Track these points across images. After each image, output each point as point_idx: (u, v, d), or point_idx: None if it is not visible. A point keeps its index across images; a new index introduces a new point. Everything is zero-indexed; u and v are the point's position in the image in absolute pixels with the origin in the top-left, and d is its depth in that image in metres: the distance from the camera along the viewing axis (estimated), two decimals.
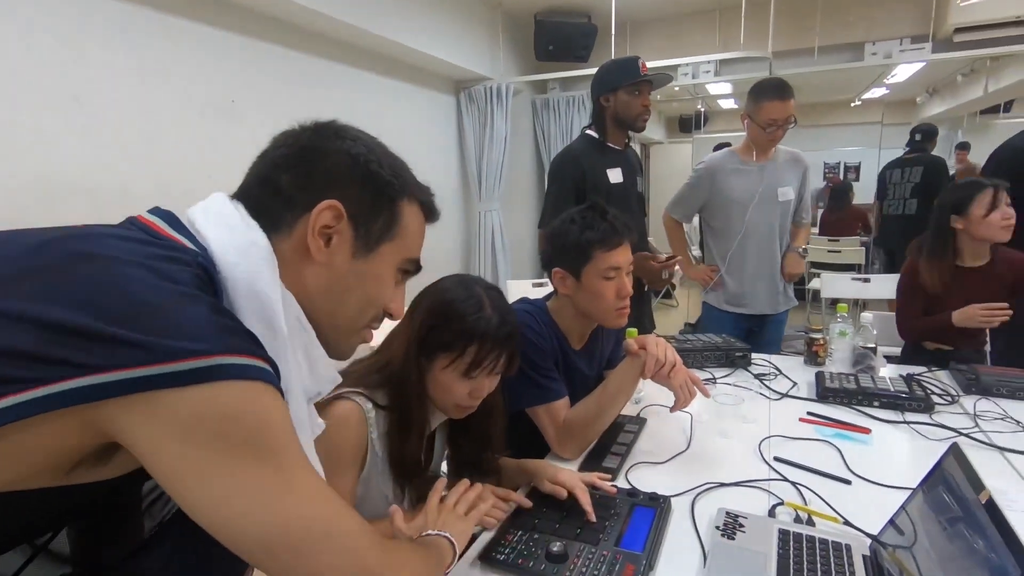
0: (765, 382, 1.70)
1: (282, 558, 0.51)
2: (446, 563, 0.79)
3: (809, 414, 1.46)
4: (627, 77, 1.95)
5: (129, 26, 1.91)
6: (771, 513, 1.02)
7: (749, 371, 1.80)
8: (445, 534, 0.82)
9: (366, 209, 0.63)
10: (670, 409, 1.25)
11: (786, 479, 1.14)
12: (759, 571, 0.85)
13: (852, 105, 7.38)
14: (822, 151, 7.42)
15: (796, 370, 1.81)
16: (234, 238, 0.56)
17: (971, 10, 3.13)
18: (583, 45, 3.81)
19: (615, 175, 2.02)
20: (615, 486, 1.09)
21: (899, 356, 2.08)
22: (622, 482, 1.15)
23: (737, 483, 1.13)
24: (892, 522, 0.89)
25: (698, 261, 2.68)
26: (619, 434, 1.33)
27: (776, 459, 1.22)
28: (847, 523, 0.98)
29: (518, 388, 1.22)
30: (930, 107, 6.85)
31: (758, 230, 2.20)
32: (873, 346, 1.74)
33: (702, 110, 7.63)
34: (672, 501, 1.05)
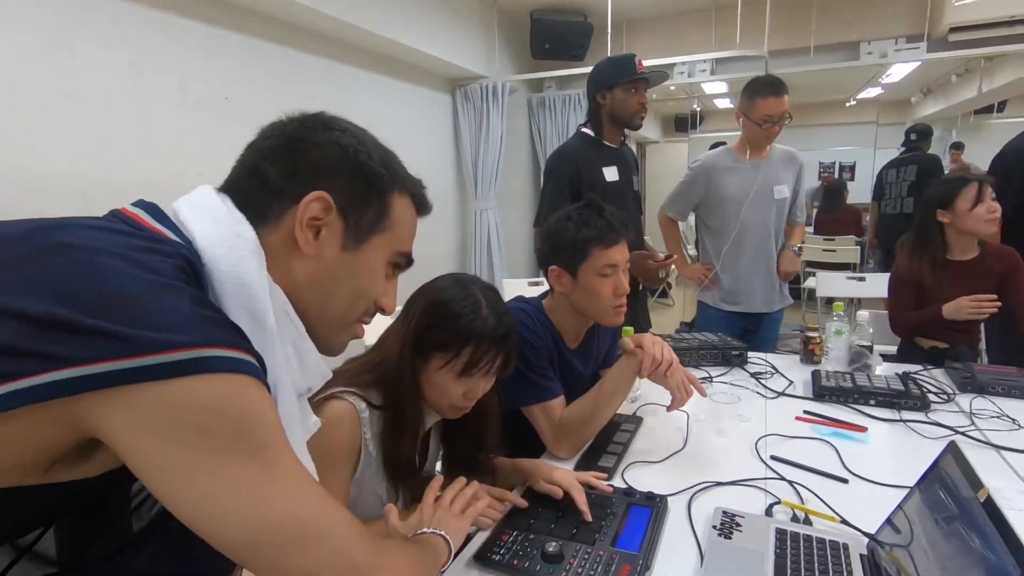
0: (761, 381, 1.70)
1: (267, 556, 0.50)
2: (441, 561, 0.78)
3: (806, 412, 1.46)
4: (624, 75, 1.94)
5: (122, 23, 1.90)
6: (768, 512, 1.02)
7: (745, 370, 1.80)
8: (440, 532, 0.81)
9: (356, 201, 0.62)
10: (667, 408, 1.24)
11: (783, 478, 1.13)
12: (756, 571, 0.84)
13: (847, 105, 7.41)
14: (817, 151, 7.45)
15: (792, 369, 1.80)
16: (219, 230, 0.55)
17: (966, 10, 3.14)
18: (579, 44, 3.81)
19: (611, 173, 2.02)
20: (611, 485, 1.08)
21: (895, 355, 2.09)
22: (618, 481, 1.14)
23: (734, 482, 1.12)
24: (889, 521, 0.88)
25: (694, 260, 2.68)
26: (615, 433, 1.33)
27: (773, 458, 1.21)
28: (844, 522, 0.97)
29: (513, 387, 1.21)
30: (925, 107, 6.87)
31: (753, 228, 2.20)
32: (869, 344, 1.74)
33: (698, 109, 7.64)
34: (669, 500, 1.04)
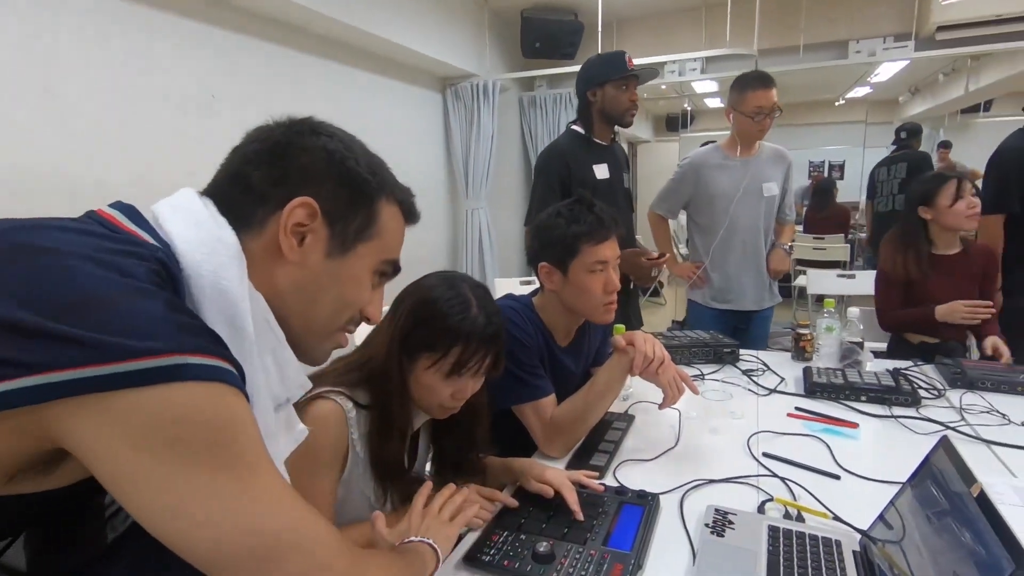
0: (753, 378, 1.70)
1: (243, 570, 0.48)
2: (428, 570, 0.76)
3: (797, 409, 1.45)
4: (615, 72, 1.94)
5: (104, 17, 1.86)
6: (760, 509, 1.01)
7: (737, 367, 1.80)
8: (428, 540, 0.79)
9: (342, 207, 0.60)
10: (659, 406, 1.23)
11: (775, 475, 1.13)
12: (749, 568, 0.84)
13: (836, 104, 7.47)
14: (807, 150, 7.50)
15: (784, 366, 1.81)
16: (200, 234, 0.53)
17: (952, 8, 3.16)
18: (570, 42, 3.80)
19: (601, 171, 2.01)
20: (603, 484, 1.07)
21: (885, 351, 2.09)
22: (610, 480, 1.13)
23: (726, 480, 1.12)
24: (881, 517, 0.88)
25: (685, 259, 2.68)
26: (607, 431, 1.32)
27: (765, 455, 1.21)
28: (837, 518, 0.97)
29: (504, 386, 1.19)
30: (912, 106, 6.94)
31: (742, 225, 2.20)
32: (860, 340, 1.74)
33: (688, 109, 7.68)
34: (661, 499, 1.03)
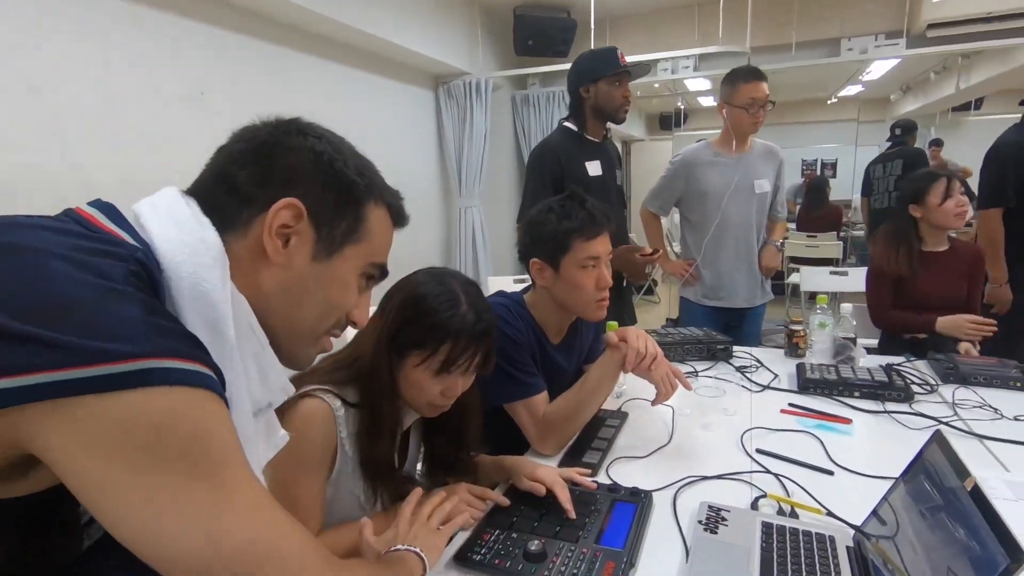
0: (747, 374, 1.69)
1: None
2: None
3: (791, 405, 1.45)
4: (608, 67, 1.93)
5: (91, 13, 1.83)
6: (754, 506, 1.00)
7: (730, 364, 1.79)
8: (415, 549, 0.78)
9: (329, 209, 0.59)
10: (651, 402, 1.23)
11: (768, 471, 1.12)
12: (742, 565, 0.83)
13: (829, 103, 7.52)
14: (800, 148, 7.53)
15: (777, 362, 1.80)
16: (181, 235, 0.51)
17: (943, 6, 3.17)
18: (563, 40, 3.79)
19: (594, 168, 2.00)
20: (595, 481, 1.06)
21: (877, 346, 2.10)
22: (603, 477, 1.12)
23: (719, 476, 1.11)
24: (875, 512, 0.87)
25: (678, 257, 2.68)
26: (600, 428, 1.31)
27: (759, 451, 1.20)
28: (830, 514, 0.96)
29: (495, 383, 1.18)
30: (904, 104, 6.98)
31: (734, 222, 2.20)
32: (853, 336, 1.74)
33: (682, 107, 7.69)
34: (654, 496, 1.03)
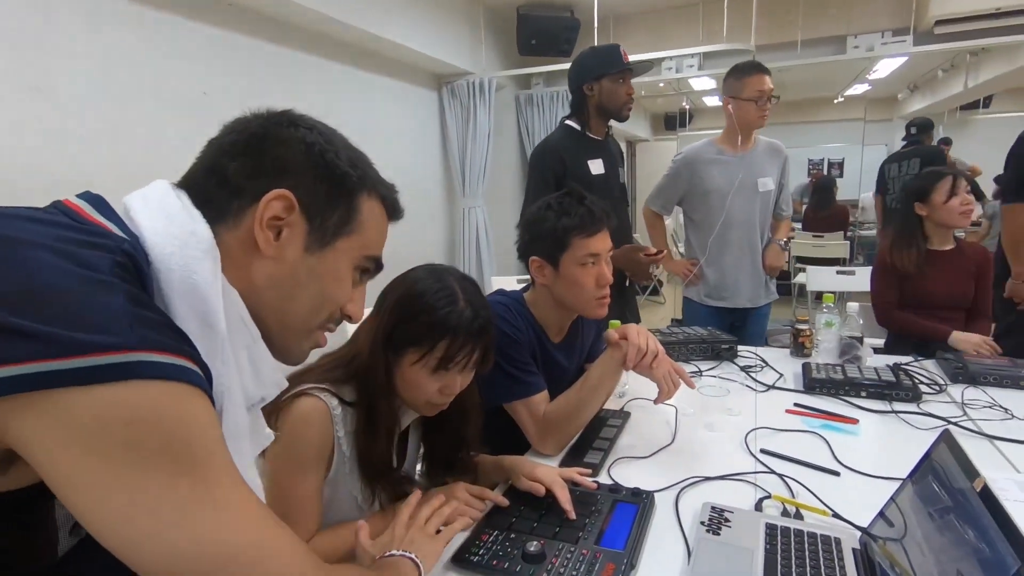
0: (751, 374, 1.67)
1: None
2: None
3: (796, 405, 1.43)
4: (612, 65, 1.92)
5: (93, 13, 1.84)
6: (758, 507, 0.98)
7: (735, 363, 1.77)
8: (410, 555, 0.76)
9: (321, 201, 0.58)
10: (653, 401, 1.21)
11: (773, 471, 1.10)
12: (745, 567, 0.81)
13: (835, 102, 7.45)
14: (806, 148, 7.49)
15: (782, 362, 1.78)
16: (171, 227, 0.51)
17: (951, 2, 3.13)
18: (566, 39, 3.77)
19: (596, 166, 1.98)
20: (596, 482, 1.04)
21: (884, 346, 2.07)
22: (604, 478, 1.11)
23: (723, 477, 1.09)
24: (882, 514, 0.85)
25: (682, 257, 2.66)
26: (602, 428, 1.29)
27: (763, 451, 1.18)
28: (836, 516, 0.94)
29: (495, 383, 1.17)
30: (911, 103, 6.92)
31: (738, 221, 2.17)
32: (859, 336, 1.72)
33: (687, 107, 7.65)
34: (656, 496, 1.01)
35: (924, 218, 1.95)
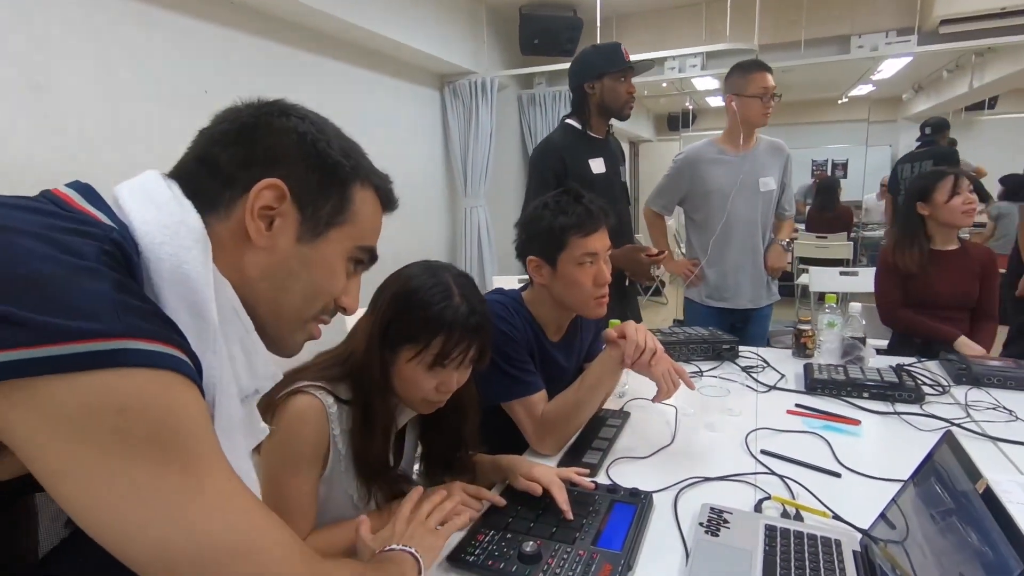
0: (752, 374, 1.66)
1: None
2: None
3: (797, 406, 1.42)
4: (614, 63, 1.91)
5: (94, 11, 1.84)
6: (757, 508, 0.97)
7: (736, 364, 1.76)
8: (410, 549, 0.75)
9: (313, 190, 0.58)
10: (652, 399, 1.20)
11: (773, 472, 1.09)
12: (744, 568, 0.80)
13: (839, 103, 7.41)
14: (810, 149, 7.46)
15: (784, 362, 1.77)
16: (161, 216, 0.50)
17: (956, 1, 3.11)
18: (569, 39, 3.76)
19: (597, 165, 1.97)
20: (594, 482, 1.03)
21: (887, 347, 2.05)
22: (603, 478, 1.10)
23: (722, 477, 1.08)
24: (883, 516, 0.84)
25: (684, 257, 2.65)
26: (601, 428, 1.28)
27: (763, 452, 1.17)
28: (837, 517, 0.93)
29: (493, 382, 1.16)
30: (916, 104, 6.88)
31: (739, 221, 2.16)
32: (862, 336, 1.70)
33: (690, 107, 7.63)
34: (654, 497, 1.00)
35: (926, 218, 1.94)
